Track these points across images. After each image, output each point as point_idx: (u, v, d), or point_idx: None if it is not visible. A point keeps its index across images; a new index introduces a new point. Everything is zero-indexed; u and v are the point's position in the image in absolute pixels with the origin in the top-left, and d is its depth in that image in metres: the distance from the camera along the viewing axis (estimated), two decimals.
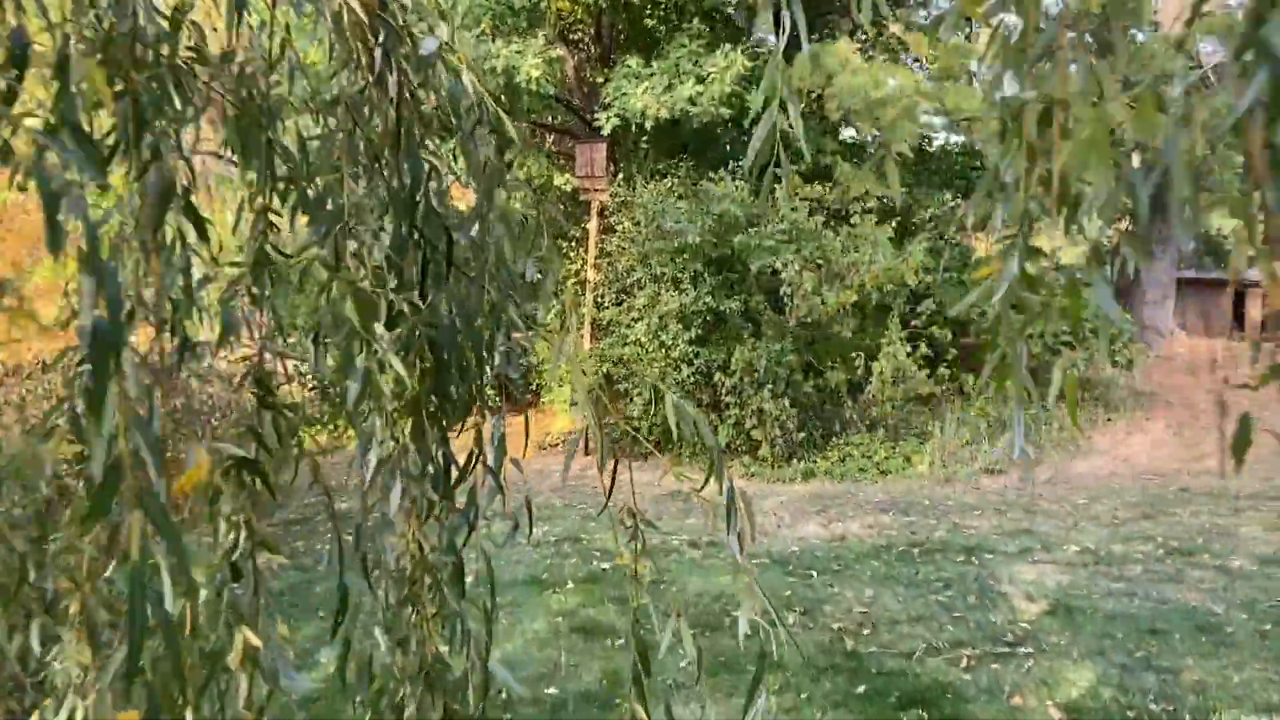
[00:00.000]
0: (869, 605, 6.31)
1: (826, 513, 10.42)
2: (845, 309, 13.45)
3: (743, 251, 13.22)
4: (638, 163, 15.11)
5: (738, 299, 13.28)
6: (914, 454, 13.30)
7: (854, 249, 13.58)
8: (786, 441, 13.30)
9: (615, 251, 14.29)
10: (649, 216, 13.35)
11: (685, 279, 13.18)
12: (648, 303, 13.55)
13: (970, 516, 9.94)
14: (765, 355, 12.82)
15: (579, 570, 7.57)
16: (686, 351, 13.09)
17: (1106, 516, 9.70)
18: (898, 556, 7.92)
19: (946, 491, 11.84)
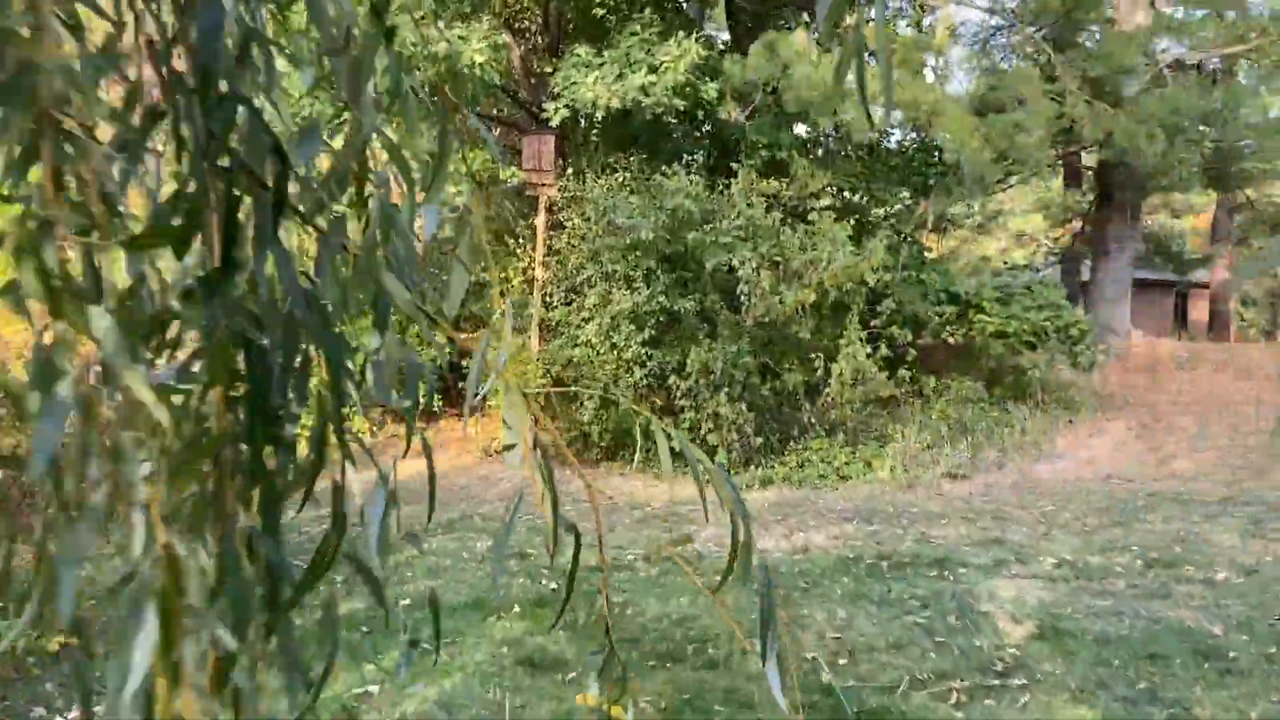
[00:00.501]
0: (842, 629, 5.82)
1: (787, 522, 9.96)
2: (803, 308, 13.02)
3: (697, 249, 12.73)
4: (588, 156, 14.55)
5: (692, 298, 12.79)
6: (874, 459, 12.92)
7: (812, 246, 13.16)
8: (744, 446, 12.84)
9: (564, 249, 13.72)
10: (599, 212, 12.81)
11: (638, 277, 12.66)
12: (598, 302, 13.00)
13: (937, 525, 9.55)
14: (721, 357, 12.34)
15: (526, 591, 7.00)
16: (639, 353, 12.56)
17: (1077, 524, 9.36)
18: (867, 571, 7.46)
19: (909, 498, 11.45)
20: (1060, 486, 11.81)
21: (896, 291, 14.36)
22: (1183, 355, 18.48)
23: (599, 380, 12.87)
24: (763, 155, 14.63)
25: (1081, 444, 13.91)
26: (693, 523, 9.98)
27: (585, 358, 12.85)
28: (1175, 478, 11.86)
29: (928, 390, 14.71)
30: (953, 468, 12.52)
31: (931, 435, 13.27)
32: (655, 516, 10.41)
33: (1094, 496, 10.94)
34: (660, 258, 12.91)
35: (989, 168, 13.65)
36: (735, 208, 12.93)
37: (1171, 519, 9.44)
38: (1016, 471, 12.71)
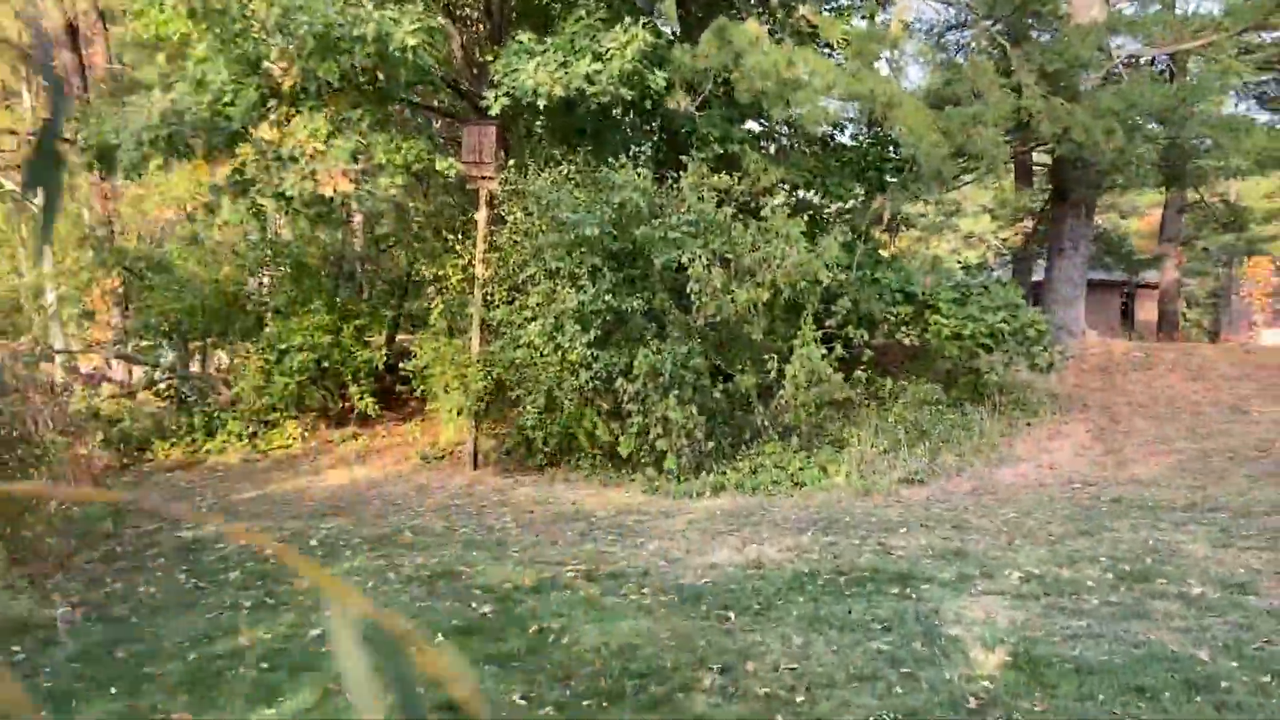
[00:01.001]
0: (799, 659, 5.31)
1: (740, 533, 9.46)
2: (756, 307, 12.55)
3: (645, 245, 12.20)
4: (531, 148, 13.96)
5: (640, 297, 12.26)
6: (830, 464, 12.47)
7: (765, 243, 12.69)
8: (694, 452, 12.33)
9: (506, 245, 13.11)
10: (542, 206, 12.22)
11: (583, 275, 12.09)
12: (542, 301, 12.42)
13: (896, 535, 9.10)
14: (670, 358, 11.82)
15: (454, 616, 6.40)
16: (585, 354, 12.00)
17: (1042, 533, 8.97)
18: (824, 588, 6.97)
19: (867, 505, 11.01)
20: (1021, 492, 11.45)
21: (851, 291, 13.96)
22: (1137, 356, 18.33)
23: (543, 383, 12.28)
24: (714, 149, 14.14)
25: (1040, 447, 13.59)
26: (639, 535, 9.45)
27: (528, 359, 12.25)
28: (1137, 482, 11.55)
29: (884, 393, 14.33)
30: (910, 473, 12.11)
31: (888, 439, 12.87)
32: (600, 528, 9.84)
33: (1056, 503, 10.58)
34: (607, 254, 12.35)
35: (946, 163, 13.29)
36: (685, 202, 12.42)
37: (1139, 527, 9.08)
38: (976, 476, 12.34)
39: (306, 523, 10.40)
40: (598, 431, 12.32)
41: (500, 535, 9.51)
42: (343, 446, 15.56)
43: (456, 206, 13.70)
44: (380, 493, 12.62)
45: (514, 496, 12.08)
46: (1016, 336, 13.94)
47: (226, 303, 15.94)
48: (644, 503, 11.57)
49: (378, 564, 8.03)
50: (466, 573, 7.66)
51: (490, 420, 13.83)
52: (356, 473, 14.09)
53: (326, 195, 11.45)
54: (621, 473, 12.76)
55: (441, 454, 14.61)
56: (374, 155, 11.78)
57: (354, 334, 15.44)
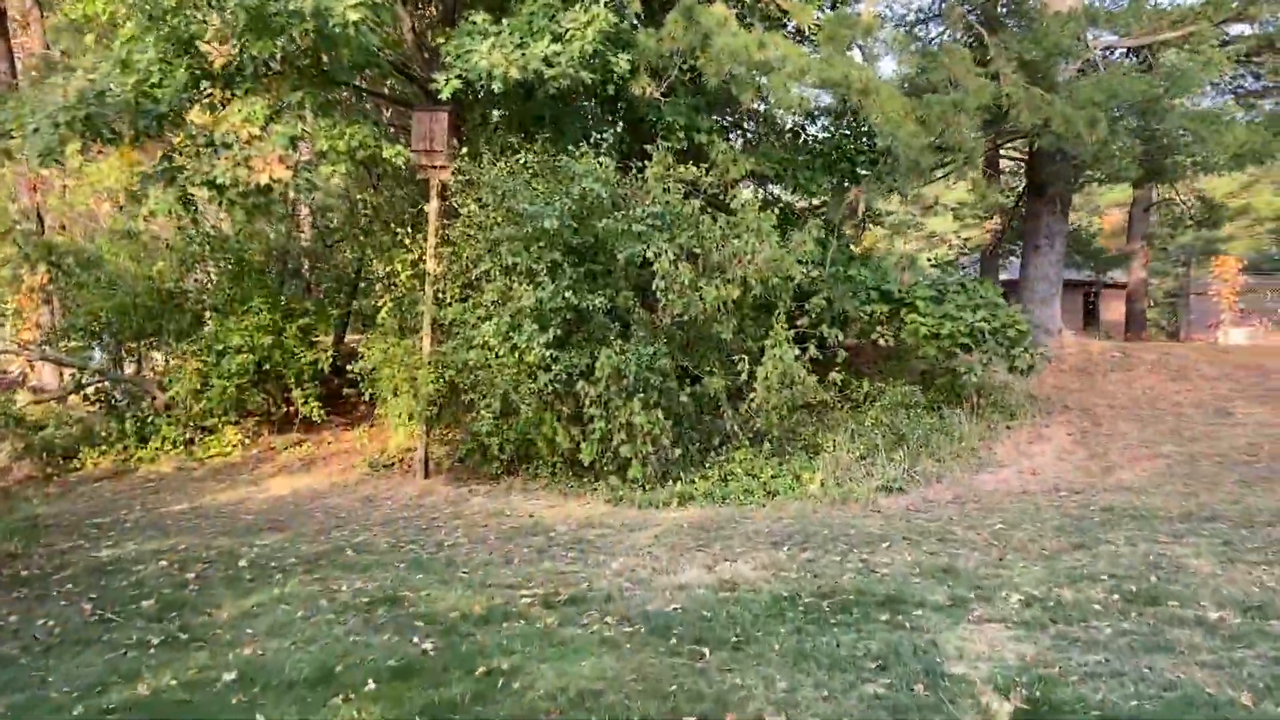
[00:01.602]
0: (786, 706, 4.66)
1: (711, 548, 8.80)
2: (725, 306, 11.91)
3: (608, 239, 11.51)
4: (486, 136, 13.22)
5: (603, 294, 11.57)
6: (804, 471, 11.86)
7: (735, 237, 12.05)
8: (660, 459, 11.67)
9: (459, 239, 12.36)
10: (498, 197, 11.48)
11: (541, 271, 11.37)
12: (497, 299, 11.68)
13: (879, 550, 8.49)
14: (635, 359, 11.14)
15: (391, 653, 5.67)
16: (543, 355, 11.28)
17: (1034, 547, 8.41)
18: (807, 615, 6.33)
19: (845, 516, 10.41)
20: (1005, 500, 10.91)
21: (825, 288, 13.37)
22: (1115, 356, 17.94)
23: (498, 386, 11.55)
24: (680, 138, 13.49)
25: (1022, 451, 13.08)
26: (602, 551, 8.76)
27: (482, 361, 11.51)
28: (1125, 489, 11.05)
29: (859, 395, 13.75)
30: (889, 480, 11.53)
31: (864, 444, 12.29)
32: (560, 544, 9.14)
33: (1045, 512, 10.03)
34: (566, 249, 11.65)
35: (925, 153, 12.73)
36: (650, 193, 11.75)
37: (1135, 539, 8.55)
38: (956, 483, 11.78)
39: (239, 539, 9.61)
40: (558, 438, 11.61)
41: (450, 553, 8.78)
42: (286, 454, 14.72)
43: (407, 198, 12.93)
44: (324, 504, 11.82)
45: (467, 508, 11.34)
46: (997, 336, 13.42)
47: (161, 301, 15.02)
48: (607, 514, 10.89)
49: (312, 589, 7.27)
50: (410, 599, 6.93)
51: (443, 426, 13.08)
52: (299, 482, 13.28)
53: (262, 184, 10.64)
54: (583, 482, 12.07)
55: (391, 462, 13.83)
56: (315, 142, 10.99)
57: (298, 334, 14.59)
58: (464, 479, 12.75)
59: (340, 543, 9.28)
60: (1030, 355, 13.57)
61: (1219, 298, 35.44)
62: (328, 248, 16.66)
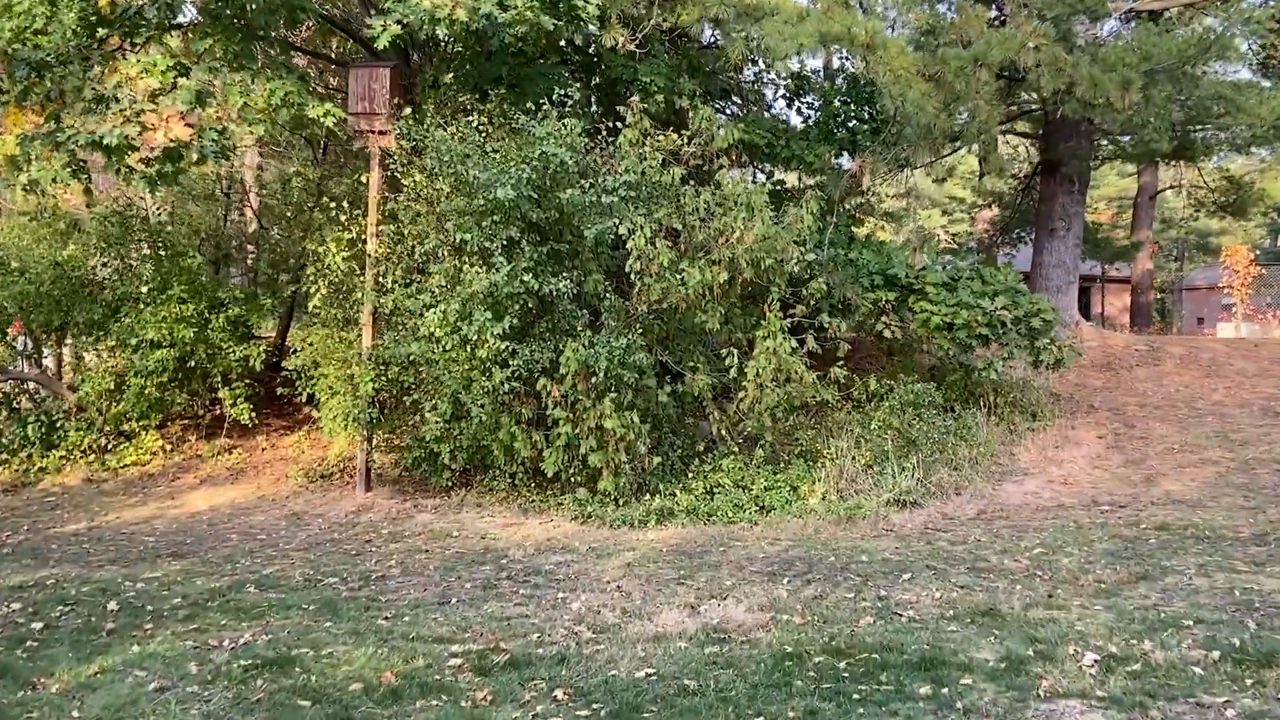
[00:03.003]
0: None
1: (694, 580, 7.37)
2: (711, 291, 10.45)
3: (574, 213, 10.05)
4: (436, 97, 11.70)
5: (568, 277, 10.11)
6: (803, 482, 10.45)
7: (723, 212, 10.60)
8: (636, 469, 10.22)
9: (403, 214, 10.86)
10: (445, 164, 9.97)
11: (495, 250, 9.89)
12: (446, 283, 10.20)
13: (899, 583, 7.08)
14: (606, 353, 9.67)
15: None
16: (498, 349, 9.82)
17: (1087, 578, 7.01)
18: (819, 683, 4.89)
19: (852, 536, 8.99)
20: (1039, 516, 9.51)
21: (823, 273, 11.90)
22: (1139, 350, 16.61)
23: (446, 385, 10.07)
24: (658, 102, 12.01)
25: (1049, 457, 11.70)
26: (561, 585, 7.30)
27: (427, 355, 10.02)
28: (1177, 503, 9.68)
29: (863, 394, 12.31)
30: (901, 492, 10.12)
31: (871, 451, 10.85)
32: (512, 576, 7.67)
33: (1089, 532, 8.63)
34: (526, 225, 10.18)
35: (937, 118, 11.32)
36: (623, 160, 10.28)
37: (1208, 568, 7.17)
38: (978, 495, 10.39)
39: (127, 570, 8.10)
40: (516, 444, 10.13)
41: (375, 589, 7.29)
42: (213, 463, 13.18)
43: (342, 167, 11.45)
44: (243, 524, 10.32)
45: (409, 528, 9.86)
46: (1019, 327, 12.02)
47: (72, 289, 13.42)
48: (572, 535, 9.43)
49: (183, 646, 5.76)
50: (305, 660, 5.43)
51: (387, 431, 11.56)
52: (223, 496, 11.76)
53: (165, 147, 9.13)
54: (546, 495, 10.61)
55: (331, 472, 12.33)
56: (229, 98, 9.47)
57: (227, 326, 13.04)
58: (410, 492, 11.27)
59: (246, 575, 7.78)
60: (1058, 347, 12.17)
61: (1229, 290, 34.29)
62: (264, 229, 15.10)
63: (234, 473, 12.79)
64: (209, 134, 9.05)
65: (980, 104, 12.29)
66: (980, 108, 12.31)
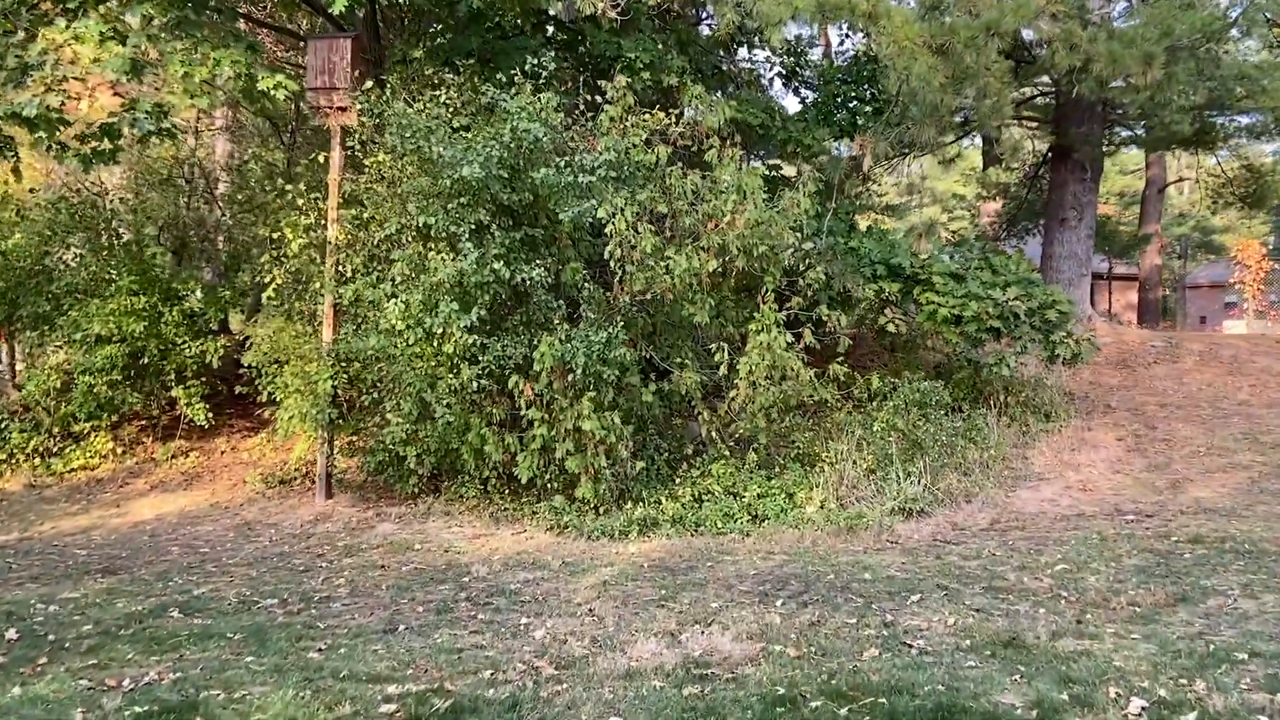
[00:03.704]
0: None
1: (677, 602, 6.61)
2: (699, 281, 9.70)
3: (550, 195, 9.29)
4: (401, 73, 10.93)
5: (543, 265, 9.34)
6: (799, 488, 9.69)
7: (712, 196, 9.85)
8: (618, 474, 9.46)
9: (365, 197, 10.09)
10: (407, 141, 9.20)
11: (463, 235, 9.12)
12: (410, 271, 9.43)
13: (907, 606, 6.32)
14: (584, 348, 8.92)
15: None
16: (466, 343, 9.06)
17: (1119, 600, 6.26)
18: None
19: (854, 550, 8.24)
20: (1057, 527, 8.76)
21: (822, 262, 11.13)
22: (1157, 346, 15.85)
23: (412, 383, 9.31)
24: (644, 79, 11.25)
25: (1065, 461, 10.95)
26: (527, 609, 6.53)
27: (388, 350, 9.25)
28: (1209, 511, 8.93)
29: (862, 393, 11.55)
30: (906, 499, 9.37)
31: (874, 454, 10.10)
32: (473, 597, 6.90)
33: (1115, 545, 7.88)
34: (497, 208, 9.42)
35: (944, 93, 10.55)
36: (603, 138, 9.51)
37: (1254, 588, 6.43)
38: (991, 503, 9.63)
39: (47, 589, 7.34)
40: (487, 448, 9.37)
41: (316, 613, 6.52)
42: (167, 466, 12.41)
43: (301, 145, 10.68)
44: (188, 535, 9.55)
45: (368, 539, 9.10)
46: (1033, 319, 11.26)
47: (18, 280, 12.63)
48: (546, 547, 8.67)
49: (75, 686, 4.99)
50: (211, 704, 4.67)
51: (349, 433, 10.79)
52: (173, 503, 11.00)
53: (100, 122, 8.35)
54: (521, 503, 9.86)
55: (292, 476, 11.56)
56: (169, 66, 8.70)
57: (182, 320, 12.26)
58: (373, 499, 10.50)
59: (175, 596, 7.01)
60: (1075, 342, 11.41)
61: (1241, 285, 33.57)
62: (225, 216, 14.30)
63: (188, 478, 12.01)
64: (143, 106, 8.27)
65: (991, 81, 11.52)
66: (991, 85, 11.54)
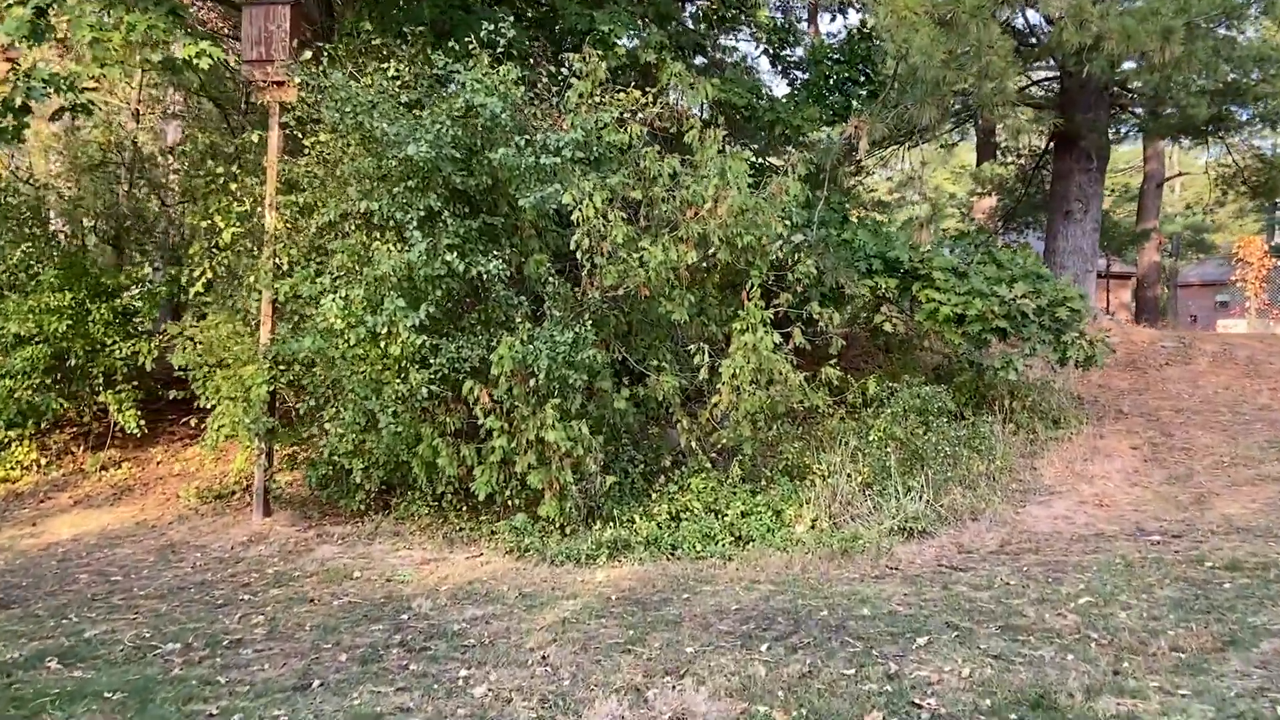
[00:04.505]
0: None
1: (646, 645, 5.75)
2: (678, 275, 8.85)
3: (510, 178, 8.42)
4: (347, 44, 10.04)
5: (502, 257, 8.46)
6: (788, 505, 8.84)
7: (693, 181, 8.99)
8: (586, 491, 8.59)
9: (306, 182, 9.19)
10: (346, 116, 8.31)
11: (411, 222, 8.23)
12: (351, 264, 8.54)
13: (913, 652, 5.48)
14: (548, 350, 8.04)
15: None
16: (415, 345, 8.18)
17: (1158, 644, 5.43)
18: None
19: (849, 578, 7.39)
20: (1075, 549, 7.93)
21: (813, 255, 10.28)
22: (1168, 346, 15.08)
23: (354, 389, 8.42)
24: (619, 55, 10.40)
25: (1077, 473, 10.14)
26: (468, 656, 5.65)
27: (326, 353, 8.35)
28: (1242, 532, 8.12)
29: (857, 399, 10.73)
30: (907, 518, 8.53)
31: (870, 466, 9.25)
32: (407, 641, 6.01)
33: (1142, 571, 7.06)
34: (451, 192, 8.54)
35: (947, 69, 9.73)
36: (570, 115, 8.65)
37: None
38: (1000, 521, 8.80)
39: None
40: (440, 460, 8.48)
41: (222, 661, 5.63)
42: (96, 479, 11.47)
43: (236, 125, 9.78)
44: (104, 559, 8.63)
45: (303, 565, 8.20)
46: (1042, 318, 10.45)
47: None
48: (502, 574, 7.79)
49: None
50: None
51: (290, 444, 9.89)
52: (96, 521, 10.07)
53: None
54: (479, 522, 8.99)
55: (231, 490, 10.65)
56: (75, 31, 7.80)
57: (113, 318, 11.32)
58: (316, 518, 9.61)
59: (63, 638, 6.11)
60: (1089, 342, 10.60)
61: (1242, 283, 32.95)
62: (165, 205, 13.35)
63: (118, 491, 11.09)
64: (40, 74, 7.37)
65: (994, 60, 10.71)
66: (994, 64, 10.72)
